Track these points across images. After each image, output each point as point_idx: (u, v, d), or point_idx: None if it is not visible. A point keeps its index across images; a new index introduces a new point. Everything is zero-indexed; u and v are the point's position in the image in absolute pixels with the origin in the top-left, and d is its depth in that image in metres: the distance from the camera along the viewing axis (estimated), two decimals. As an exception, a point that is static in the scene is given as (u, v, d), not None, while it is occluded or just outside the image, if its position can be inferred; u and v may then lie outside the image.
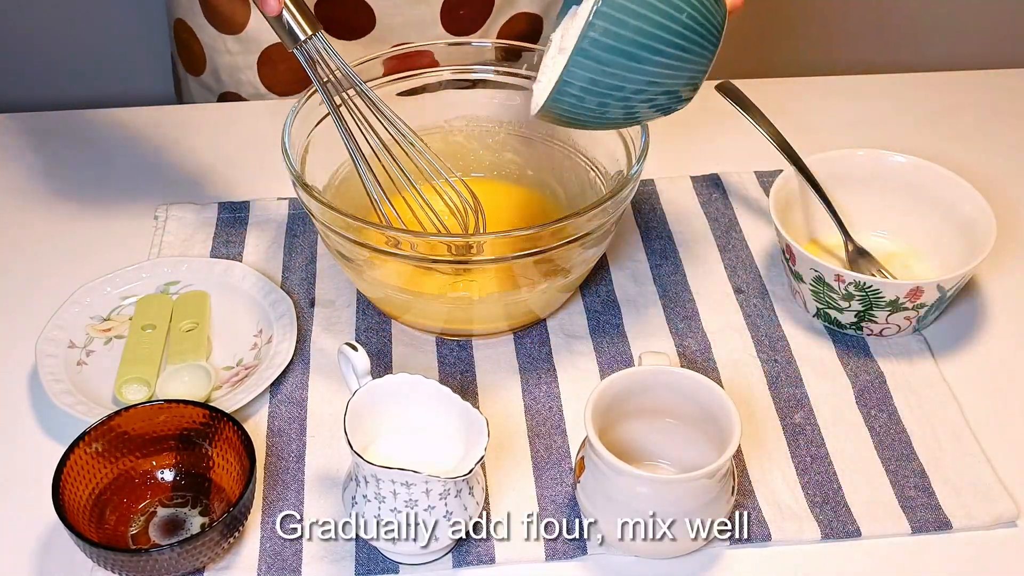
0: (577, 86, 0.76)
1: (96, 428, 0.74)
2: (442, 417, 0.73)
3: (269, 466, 0.80)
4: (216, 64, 1.16)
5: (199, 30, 1.15)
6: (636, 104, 0.78)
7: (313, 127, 0.91)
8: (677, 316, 0.92)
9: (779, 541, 0.76)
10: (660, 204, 1.03)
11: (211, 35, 1.15)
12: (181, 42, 1.19)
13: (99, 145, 1.10)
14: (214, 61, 1.16)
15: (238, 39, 1.14)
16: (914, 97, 1.19)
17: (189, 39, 1.17)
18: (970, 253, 0.88)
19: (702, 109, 1.11)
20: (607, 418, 0.74)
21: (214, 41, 1.15)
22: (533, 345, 0.89)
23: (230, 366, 0.87)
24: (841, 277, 0.85)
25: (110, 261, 0.94)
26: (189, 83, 1.21)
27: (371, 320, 0.91)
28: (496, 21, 1.17)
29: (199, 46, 1.16)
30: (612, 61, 0.74)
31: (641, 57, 0.74)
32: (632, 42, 0.74)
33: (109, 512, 0.75)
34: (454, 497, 0.70)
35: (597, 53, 0.74)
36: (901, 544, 0.76)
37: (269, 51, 1.13)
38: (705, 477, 0.69)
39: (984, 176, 1.01)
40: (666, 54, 0.75)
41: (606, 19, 0.73)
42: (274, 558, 0.74)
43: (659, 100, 0.78)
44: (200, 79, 1.19)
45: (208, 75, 1.18)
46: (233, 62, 1.15)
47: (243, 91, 1.17)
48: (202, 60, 1.17)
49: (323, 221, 0.82)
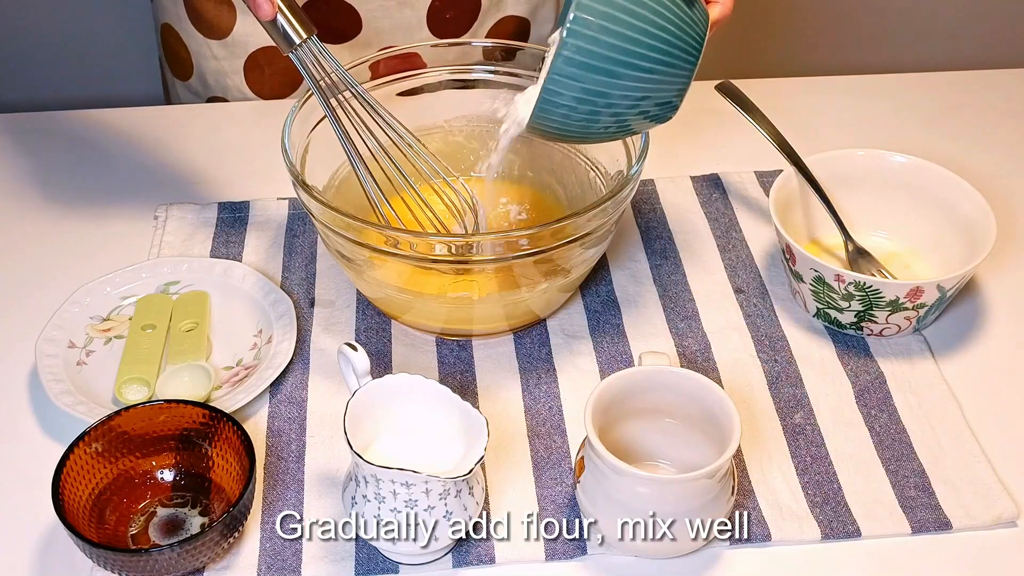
0: (558, 103, 0.75)
1: (96, 428, 0.74)
2: (442, 417, 0.73)
3: (269, 466, 0.80)
4: (203, 69, 1.16)
5: (185, 35, 1.15)
6: (626, 116, 0.77)
7: (313, 127, 0.91)
8: (677, 316, 0.92)
9: (779, 541, 0.76)
10: (660, 204, 1.03)
11: (197, 40, 1.15)
12: (168, 47, 1.19)
13: (100, 145, 1.10)
14: (200, 66, 1.16)
15: (223, 44, 1.13)
16: (914, 97, 1.19)
17: (175, 44, 1.17)
18: (970, 253, 0.88)
19: (702, 109, 1.12)
20: (607, 418, 0.74)
21: (200, 47, 1.15)
22: (533, 345, 0.89)
23: (230, 366, 0.87)
24: (841, 277, 0.85)
25: (110, 261, 0.94)
26: (176, 87, 1.21)
27: (371, 320, 0.91)
28: (483, 24, 1.17)
29: (186, 51, 1.16)
30: (589, 78, 0.73)
31: (619, 73, 0.74)
32: (607, 58, 0.73)
33: (109, 512, 0.75)
34: (454, 497, 0.70)
35: (572, 71, 0.73)
36: (901, 544, 0.76)
37: (255, 55, 1.13)
38: (705, 477, 0.69)
39: (984, 176, 1.01)
40: (645, 68, 0.74)
41: (578, 37, 0.72)
42: (274, 558, 0.74)
43: (650, 111, 0.77)
44: (187, 84, 1.19)
45: (195, 80, 1.18)
46: (219, 67, 1.15)
47: (230, 96, 1.17)
48: (189, 65, 1.17)
49: (323, 221, 0.82)
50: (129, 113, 1.15)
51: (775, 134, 0.99)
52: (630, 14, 0.73)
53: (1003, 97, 1.20)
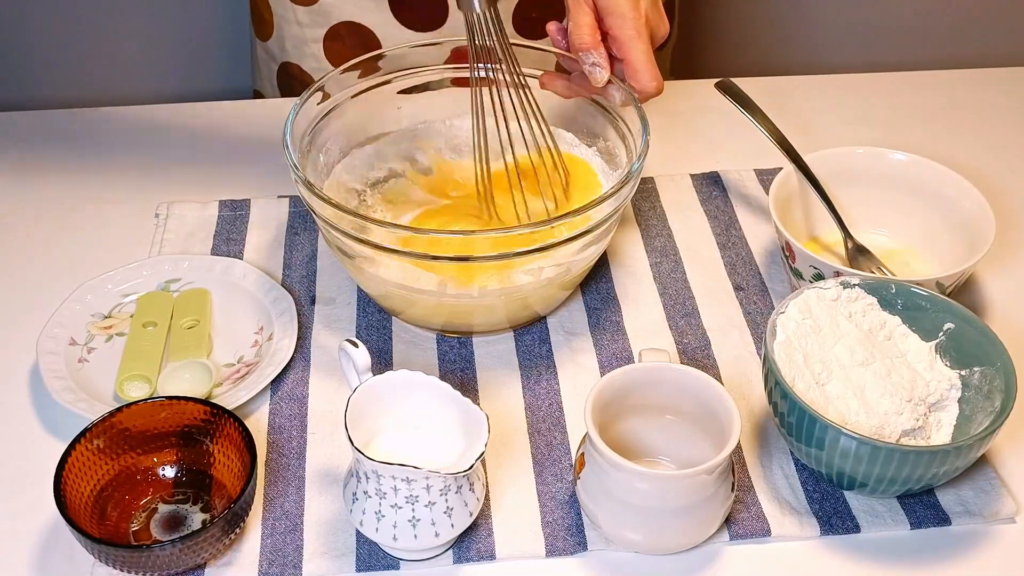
0: None
1: (97, 425, 0.75)
2: (442, 413, 0.73)
3: (270, 463, 0.80)
4: (283, 33, 1.16)
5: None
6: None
7: (314, 124, 0.91)
8: (677, 313, 0.92)
9: (779, 537, 0.76)
10: (660, 202, 1.04)
11: (283, 3, 1.14)
12: (253, 4, 1.19)
13: (100, 143, 1.11)
14: (281, 29, 1.16)
15: (309, 11, 1.13)
16: (913, 95, 1.20)
17: (260, 2, 1.17)
18: (969, 250, 0.89)
19: (702, 107, 1.12)
20: (607, 414, 0.74)
21: (285, 11, 1.14)
22: (533, 342, 0.90)
23: (231, 363, 0.87)
24: (841, 274, 0.85)
25: (111, 259, 0.95)
26: (256, 45, 1.21)
27: (372, 317, 0.91)
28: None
29: (269, 12, 1.16)
30: None
31: None
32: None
33: (111, 508, 0.75)
34: (454, 493, 0.70)
35: None
36: (900, 540, 0.76)
37: (338, 27, 1.13)
38: (705, 473, 0.69)
39: (983, 173, 1.01)
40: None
41: None
42: (275, 554, 0.74)
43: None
44: (266, 44, 1.19)
45: (273, 42, 1.18)
46: (300, 33, 1.15)
47: (305, 64, 1.16)
48: (270, 26, 1.17)
49: (324, 217, 0.83)
50: (130, 111, 1.15)
51: (775, 132, 0.99)
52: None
53: (1002, 95, 1.20)
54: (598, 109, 0.94)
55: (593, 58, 0.86)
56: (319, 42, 1.14)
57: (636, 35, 0.84)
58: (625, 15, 0.84)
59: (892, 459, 0.71)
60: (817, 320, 0.80)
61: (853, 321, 0.81)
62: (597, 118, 0.94)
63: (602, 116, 0.94)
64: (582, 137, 0.97)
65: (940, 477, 0.73)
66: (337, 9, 1.12)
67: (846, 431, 0.71)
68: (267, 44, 1.19)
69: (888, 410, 0.77)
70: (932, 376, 0.79)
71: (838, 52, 1.92)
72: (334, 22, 1.13)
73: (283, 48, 1.17)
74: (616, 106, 0.91)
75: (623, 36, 0.85)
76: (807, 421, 0.73)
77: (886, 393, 0.77)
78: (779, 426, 0.77)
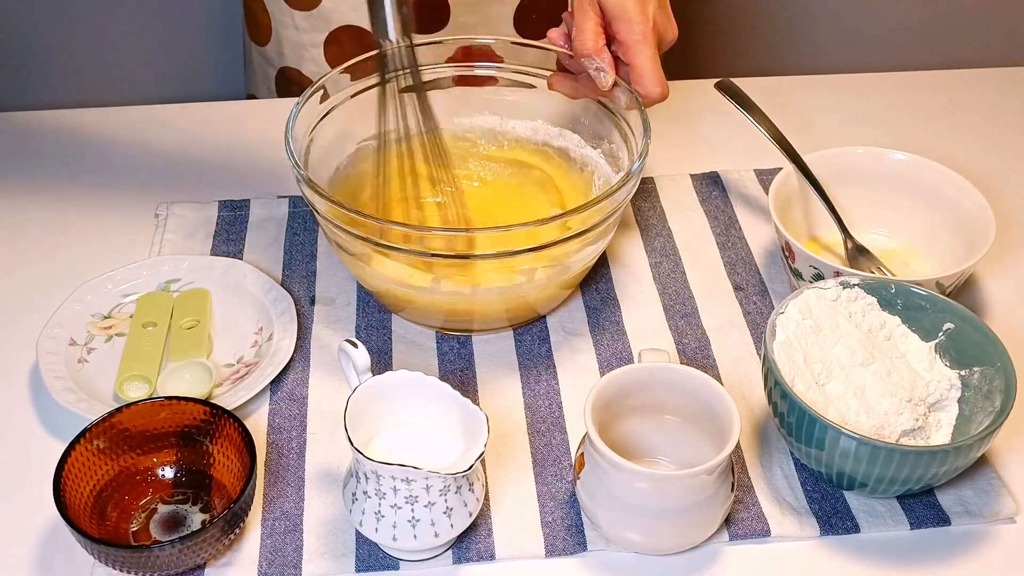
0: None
1: (97, 425, 0.75)
2: (442, 413, 0.73)
3: (270, 463, 0.80)
4: (281, 38, 1.15)
5: (269, 1, 1.14)
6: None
7: (316, 123, 0.91)
8: (677, 313, 0.92)
9: (778, 537, 0.76)
10: (660, 202, 1.04)
11: (280, 8, 1.14)
12: (248, 9, 1.19)
13: (100, 144, 1.11)
14: (279, 35, 1.15)
15: (307, 16, 1.13)
16: (914, 95, 1.20)
17: (256, 8, 1.17)
18: (969, 250, 0.89)
19: (702, 107, 1.12)
20: (607, 414, 0.74)
21: (283, 15, 1.14)
22: (533, 342, 0.90)
23: (231, 363, 0.87)
24: (841, 274, 0.85)
25: (111, 259, 0.95)
26: (252, 52, 1.21)
27: (371, 317, 0.91)
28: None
29: (266, 17, 1.15)
30: None
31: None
32: None
33: (110, 509, 0.75)
34: (454, 493, 0.70)
35: None
36: (900, 541, 0.76)
37: (337, 32, 1.13)
38: (704, 473, 0.69)
39: (983, 173, 1.01)
40: None
41: None
42: (275, 555, 0.74)
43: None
44: (262, 50, 1.19)
45: (271, 47, 1.17)
46: (299, 38, 1.14)
47: (304, 68, 1.16)
48: (268, 32, 1.16)
49: (327, 216, 0.83)
50: (130, 112, 1.15)
51: (774, 132, 0.99)
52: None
53: (1002, 95, 1.20)
54: (604, 111, 0.94)
55: (597, 63, 0.86)
56: (319, 47, 1.14)
57: (643, 40, 0.84)
58: (632, 20, 0.84)
59: (892, 459, 0.71)
60: (817, 320, 0.80)
61: (853, 321, 0.81)
62: (603, 120, 0.94)
63: (608, 119, 0.94)
64: (588, 139, 0.97)
65: (940, 477, 0.73)
66: (336, 14, 1.12)
67: (846, 431, 0.71)
68: (264, 49, 1.19)
69: (888, 410, 0.77)
70: (932, 376, 0.80)
71: (838, 52, 1.92)
72: (334, 27, 1.13)
73: (281, 53, 1.17)
74: (621, 108, 0.91)
75: (629, 41, 0.85)
76: (807, 421, 0.73)
77: (886, 393, 0.77)
78: (779, 426, 0.77)
